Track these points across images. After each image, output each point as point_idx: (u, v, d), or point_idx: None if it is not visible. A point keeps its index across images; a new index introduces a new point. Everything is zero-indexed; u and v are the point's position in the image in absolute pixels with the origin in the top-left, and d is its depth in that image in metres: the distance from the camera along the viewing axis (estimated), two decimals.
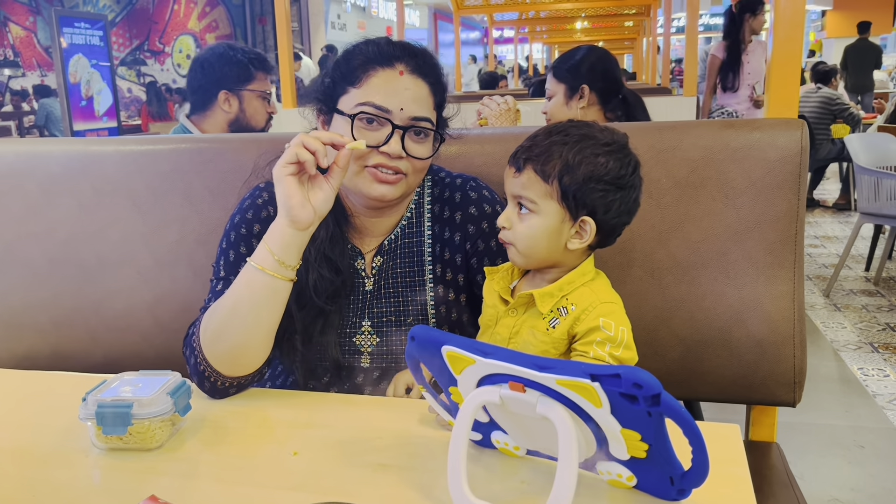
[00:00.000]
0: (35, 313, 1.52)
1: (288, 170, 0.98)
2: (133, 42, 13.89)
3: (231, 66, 2.09)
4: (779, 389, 1.26)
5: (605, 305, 0.95)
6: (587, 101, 2.16)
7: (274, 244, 1.01)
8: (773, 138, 1.25)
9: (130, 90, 13.32)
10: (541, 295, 0.96)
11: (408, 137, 1.08)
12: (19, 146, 1.60)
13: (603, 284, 0.99)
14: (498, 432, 0.83)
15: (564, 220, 0.95)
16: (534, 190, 0.94)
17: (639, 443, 0.70)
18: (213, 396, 1.05)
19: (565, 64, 2.22)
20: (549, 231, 0.95)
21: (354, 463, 0.86)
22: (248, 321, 1.02)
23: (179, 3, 14.67)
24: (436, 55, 1.16)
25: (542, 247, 0.95)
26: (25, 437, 0.97)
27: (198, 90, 2.12)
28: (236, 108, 2.11)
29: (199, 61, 2.13)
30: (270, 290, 1.01)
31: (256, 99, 2.13)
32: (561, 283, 0.96)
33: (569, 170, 0.93)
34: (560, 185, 0.93)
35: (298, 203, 0.99)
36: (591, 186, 0.94)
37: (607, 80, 2.19)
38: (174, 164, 1.46)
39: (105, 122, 7.56)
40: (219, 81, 2.09)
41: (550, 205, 0.94)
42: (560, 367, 0.67)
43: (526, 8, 8.93)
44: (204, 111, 2.12)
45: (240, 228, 1.15)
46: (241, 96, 2.11)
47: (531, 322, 0.97)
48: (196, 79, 2.12)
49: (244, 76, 2.11)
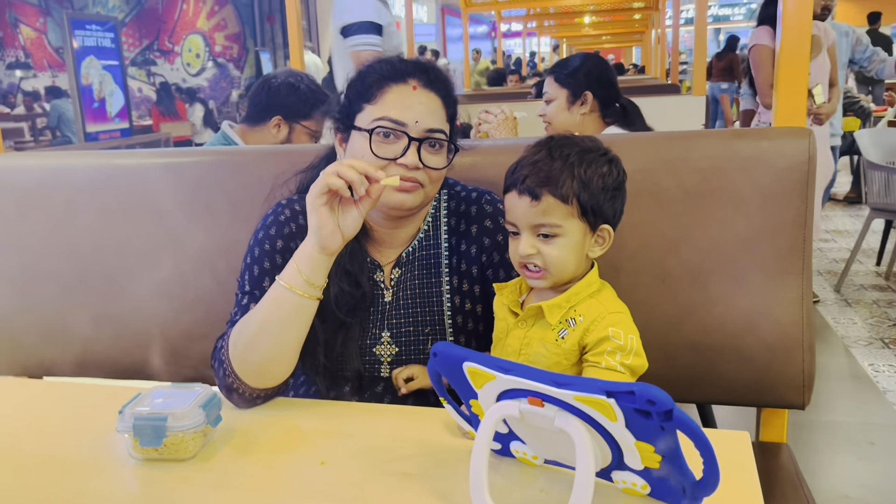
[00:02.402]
0: (62, 323, 1.57)
1: (321, 200, 1.03)
2: (143, 42, 13.97)
3: (296, 97, 2.16)
4: (788, 392, 1.29)
5: (613, 315, 0.99)
6: (589, 108, 2.19)
7: (303, 265, 1.05)
8: (781, 147, 1.27)
9: (141, 90, 13.41)
10: (549, 306, 0.99)
11: (423, 149, 1.12)
12: (45, 160, 1.65)
13: (609, 295, 1.03)
14: (517, 442, 0.87)
15: (586, 233, 1.00)
16: (556, 214, 0.98)
17: (652, 454, 0.73)
18: (239, 407, 1.10)
19: (566, 69, 2.25)
20: (576, 248, 0.99)
21: (380, 472, 0.90)
22: (276, 337, 1.06)
23: (188, 3, 14.73)
24: (445, 74, 1.20)
25: (572, 263, 1.00)
26: (61, 446, 1.01)
27: (257, 105, 2.19)
28: (284, 136, 2.18)
29: (267, 80, 2.21)
30: (298, 307, 1.06)
31: (305, 134, 2.20)
32: (568, 295, 1.00)
33: (584, 187, 0.98)
34: (579, 202, 0.98)
35: (330, 232, 1.04)
36: (603, 197, 0.99)
37: (607, 87, 2.23)
38: (196, 177, 1.50)
39: (117, 123, 7.64)
40: (279, 107, 2.16)
41: (573, 223, 0.98)
42: (577, 384, 0.71)
43: (534, 4, 8.94)
44: (254, 125, 2.19)
45: (263, 244, 1.19)
46: (292, 127, 2.18)
47: (540, 334, 1.01)
48: (259, 95, 2.19)
49: (303, 112, 2.18)
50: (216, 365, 1.12)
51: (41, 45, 12.43)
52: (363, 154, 1.12)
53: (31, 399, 1.22)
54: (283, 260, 1.15)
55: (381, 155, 1.10)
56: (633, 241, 1.29)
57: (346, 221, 1.05)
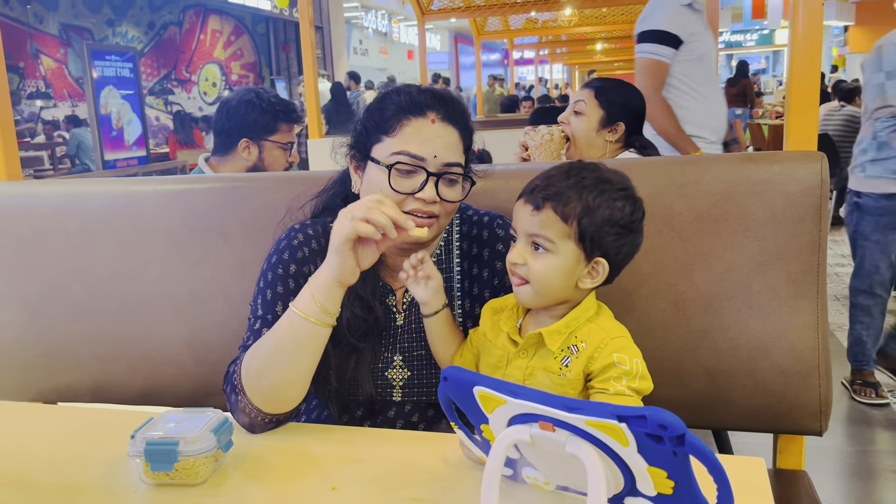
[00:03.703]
0: (77, 348, 1.58)
1: (349, 245, 1.03)
2: (161, 72, 14.23)
3: (256, 114, 2.08)
4: (805, 419, 1.27)
5: (615, 341, 0.98)
6: (616, 137, 2.18)
7: (318, 294, 1.05)
8: (794, 171, 1.27)
9: (158, 118, 13.62)
10: (549, 333, 0.99)
11: (441, 183, 1.12)
12: (61, 186, 1.67)
13: (607, 319, 1.02)
14: (528, 468, 0.86)
15: (579, 260, 0.98)
16: (552, 230, 0.97)
17: (665, 480, 0.72)
18: (251, 432, 1.10)
19: (610, 92, 2.20)
20: (565, 270, 0.98)
21: (391, 498, 0.89)
22: (289, 363, 1.07)
23: (205, 33, 15.00)
24: (464, 104, 1.20)
25: (557, 285, 0.98)
26: (74, 472, 1.01)
27: (220, 133, 2.12)
28: (255, 157, 2.10)
29: (225, 106, 2.12)
30: (311, 334, 1.06)
31: (277, 149, 2.13)
32: (567, 320, 1.00)
33: (588, 212, 0.96)
34: (579, 226, 0.97)
35: (350, 271, 1.05)
36: (606, 230, 0.97)
37: (639, 122, 2.23)
38: (210, 203, 1.52)
39: (134, 152, 7.75)
40: (241, 129, 2.08)
41: (568, 245, 0.97)
42: (588, 409, 0.70)
43: (545, 32, 9.02)
44: (224, 155, 2.12)
45: (276, 269, 1.20)
46: (261, 146, 2.11)
47: (543, 364, 1.00)
48: (220, 122, 2.11)
49: (268, 127, 2.10)
50: (228, 389, 1.12)
51: (62, 76, 12.68)
52: (381, 187, 1.12)
53: (46, 425, 1.22)
54: (297, 285, 1.16)
55: (399, 189, 1.11)
56: (646, 266, 1.29)
57: (364, 256, 1.07)
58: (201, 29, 15.00)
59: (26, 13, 11.89)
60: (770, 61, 26.67)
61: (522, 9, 6.21)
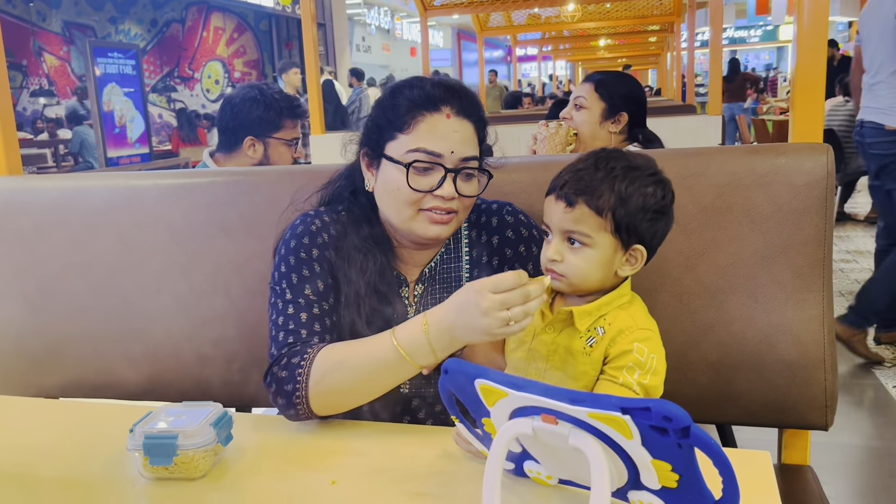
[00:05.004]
0: (78, 342, 1.57)
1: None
2: (164, 69, 14.23)
3: (260, 111, 2.07)
4: (810, 413, 1.26)
5: (641, 331, 0.98)
6: (619, 128, 2.18)
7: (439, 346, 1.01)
8: (799, 163, 1.26)
9: (161, 116, 13.63)
10: (580, 312, 0.98)
11: (459, 178, 1.11)
12: (62, 181, 1.67)
13: (640, 310, 1.02)
14: (530, 462, 0.85)
15: (617, 249, 0.98)
16: (588, 224, 0.97)
17: (670, 473, 0.71)
18: (289, 419, 1.08)
19: (610, 84, 2.21)
20: (603, 262, 0.98)
21: (392, 491, 0.88)
22: (370, 391, 1.06)
23: (208, 30, 15.00)
24: (477, 96, 1.18)
25: (596, 277, 0.98)
26: (74, 466, 1.01)
27: (225, 130, 2.11)
28: (261, 154, 2.10)
29: (229, 102, 2.11)
30: (405, 372, 1.04)
31: (282, 146, 2.12)
32: (599, 304, 0.99)
33: (622, 203, 0.96)
34: (614, 218, 0.96)
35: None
36: (641, 217, 0.97)
37: (641, 112, 2.22)
38: (211, 197, 1.51)
39: (137, 149, 7.75)
40: (246, 126, 2.07)
41: (604, 237, 0.97)
42: (591, 401, 0.69)
43: (549, 28, 8.99)
44: (229, 152, 2.11)
45: (299, 253, 1.17)
46: (266, 143, 2.10)
47: (568, 341, 0.99)
48: (224, 119, 2.11)
49: (272, 124, 2.09)
50: (286, 375, 1.06)
51: (65, 73, 12.69)
52: (399, 186, 1.11)
53: (46, 419, 1.22)
54: (321, 268, 1.15)
55: (417, 188, 1.10)
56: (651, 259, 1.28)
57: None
58: (204, 26, 15.00)
59: (29, 11, 11.89)
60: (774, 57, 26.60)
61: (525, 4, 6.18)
